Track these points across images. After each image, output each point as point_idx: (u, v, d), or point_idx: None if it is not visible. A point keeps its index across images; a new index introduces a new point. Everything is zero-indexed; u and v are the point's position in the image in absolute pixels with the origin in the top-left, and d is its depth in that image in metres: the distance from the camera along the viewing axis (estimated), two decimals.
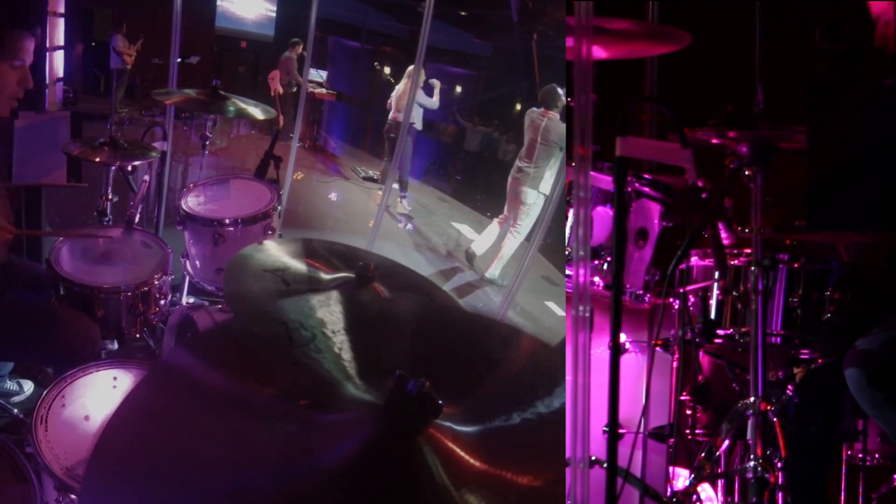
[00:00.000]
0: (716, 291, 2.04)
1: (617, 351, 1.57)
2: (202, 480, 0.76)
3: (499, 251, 5.79)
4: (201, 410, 0.86)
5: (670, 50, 1.99)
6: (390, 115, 7.52)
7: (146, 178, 3.00)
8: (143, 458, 0.78)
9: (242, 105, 3.16)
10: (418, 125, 7.32)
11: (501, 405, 0.97)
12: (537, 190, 5.59)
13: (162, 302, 2.51)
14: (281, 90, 9.32)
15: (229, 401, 0.88)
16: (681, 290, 2.10)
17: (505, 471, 0.87)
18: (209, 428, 0.84)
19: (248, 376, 0.92)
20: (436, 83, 7.25)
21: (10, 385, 2.66)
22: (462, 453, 0.85)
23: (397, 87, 7.55)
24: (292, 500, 0.76)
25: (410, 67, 6.91)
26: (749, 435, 1.87)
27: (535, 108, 5.62)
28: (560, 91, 5.53)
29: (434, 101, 7.28)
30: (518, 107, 8.86)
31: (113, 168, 2.84)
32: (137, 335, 2.50)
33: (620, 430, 2.09)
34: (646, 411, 2.15)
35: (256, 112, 3.19)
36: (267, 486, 0.77)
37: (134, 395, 0.86)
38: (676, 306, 2.12)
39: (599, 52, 1.89)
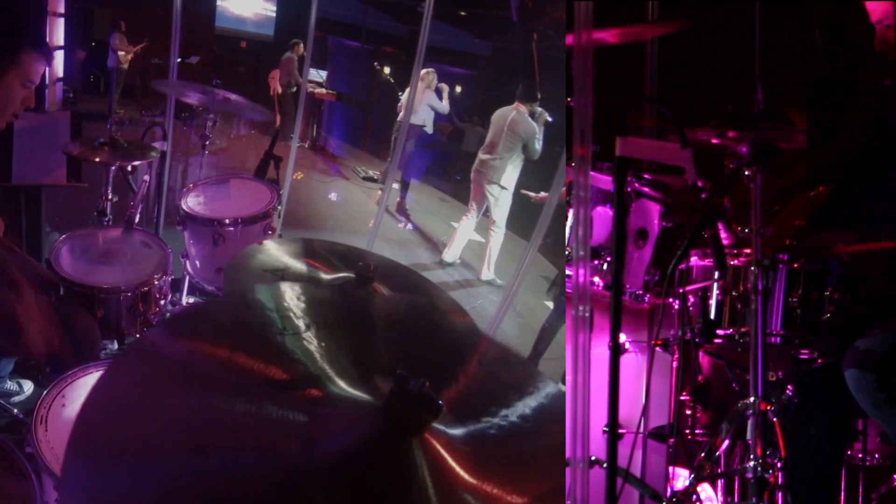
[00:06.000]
0: (715, 291, 2.04)
1: (617, 351, 1.56)
2: (183, 463, 0.75)
3: (486, 251, 5.84)
4: (179, 392, 0.84)
5: (669, 31, 1.97)
6: (400, 117, 7.47)
7: (146, 178, 3.00)
8: (121, 439, 0.77)
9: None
10: (429, 129, 7.30)
11: (486, 407, 0.97)
12: (499, 184, 5.67)
13: (162, 302, 2.51)
14: (280, 90, 9.32)
15: (211, 383, 0.87)
16: (680, 290, 2.10)
17: (492, 481, 0.87)
18: (190, 410, 0.82)
19: (235, 359, 0.91)
20: (444, 87, 7.23)
21: (10, 385, 2.66)
22: (449, 458, 0.86)
23: (409, 91, 7.50)
24: (281, 488, 0.76)
25: (424, 71, 6.93)
26: (749, 435, 1.87)
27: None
28: (537, 92, 5.68)
29: (444, 105, 7.25)
30: None
31: (113, 168, 2.84)
32: (137, 335, 2.50)
33: (620, 430, 2.09)
34: (646, 411, 2.15)
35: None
36: (255, 472, 0.77)
37: (107, 375, 0.84)
38: (676, 306, 2.11)
39: (600, 35, 1.88)
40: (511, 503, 0.86)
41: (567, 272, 1.98)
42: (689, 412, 2.23)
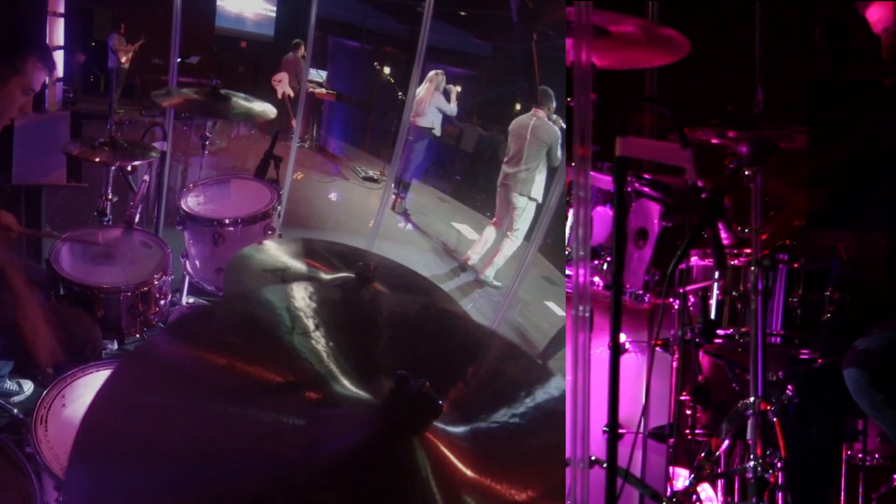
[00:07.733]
0: (716, 291, 2.04)
1: (617, 351, 1.56)
2: (185, 466, 0.76)
3: (496, 253, 5.78)
4: (183, 395, 0.85)
5: (668, 61, 1.99)
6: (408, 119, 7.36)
7: (146, 178, 3.01)
8: (126, 441, 0.77)
9: (244, 104, 3.16)
10: (437, 131, 7.22)
11: (488, 406, 0.98)
12: (528, 196, 5.55)
13: (162, 302, 2.51)
14: (291, 93, 9.19)
15: (215, 386, 0.87)
16: (681, 290, 2.10)
17: (493, 479, 0.87)
18: (194, 413, 0.83)
19: (240, 361, 0.91)
20: (451, 88, 7.13)
21: (10, 385, 2.65)
22: (451, 456, 0.86)
23: (417, 92, 7.45)
24: (284, 490, 0.76)
25: (432, 73, 6.89)
26: (749, 435, 1.87)
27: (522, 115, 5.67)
28: (552, 95, 5.57)
29: (453, 108, 7.17)
30: (518, 107, 8.85)
31: (113, 168, 2.84)
32: (137, 335, 2.50)
33: (620, 430, 2.09)
34: (646, 411, 2.15)
35: (258, 109, 3.18)
36: (258, 474, 0.77)
37: (113, 378, 0.84)
38: (676, 306, 2.12)
39: (596, 61, 1.88)
40: (515, 500, 0.86)
41: (567, 272, 1.98)
42: (689, 412, 2.23)
